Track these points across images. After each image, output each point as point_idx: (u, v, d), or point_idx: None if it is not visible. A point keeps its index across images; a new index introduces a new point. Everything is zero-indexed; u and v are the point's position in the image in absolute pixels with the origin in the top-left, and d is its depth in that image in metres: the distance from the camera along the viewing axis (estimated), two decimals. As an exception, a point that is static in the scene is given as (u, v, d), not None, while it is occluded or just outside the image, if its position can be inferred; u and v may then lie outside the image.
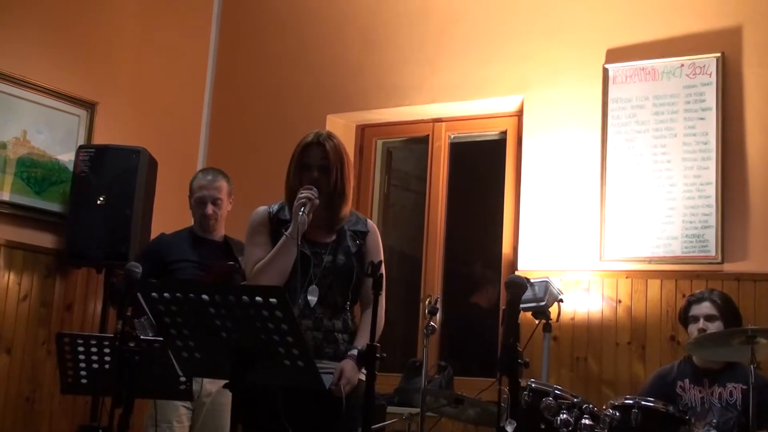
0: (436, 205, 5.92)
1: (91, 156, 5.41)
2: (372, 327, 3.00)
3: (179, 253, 4.53)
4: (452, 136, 6.05)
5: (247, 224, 3.51)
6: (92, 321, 5.64)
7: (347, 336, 3.40)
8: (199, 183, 4.65)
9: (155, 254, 4.59)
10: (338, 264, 3.40)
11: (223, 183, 4.66)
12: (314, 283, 3.36)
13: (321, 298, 3.35)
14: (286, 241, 3.29)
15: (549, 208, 5.36)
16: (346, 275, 3.41)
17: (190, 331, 2.81)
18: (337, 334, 3.37)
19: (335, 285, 3.38)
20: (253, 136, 6.39)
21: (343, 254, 3.42)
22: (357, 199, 6.09)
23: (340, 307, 3.40)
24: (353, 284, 3.43)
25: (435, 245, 5.87)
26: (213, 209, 4.58)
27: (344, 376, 3.26)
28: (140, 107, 6.13)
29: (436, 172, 5.98)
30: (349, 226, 3.49)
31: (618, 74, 5.27)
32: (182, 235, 4.68)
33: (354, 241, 3.46)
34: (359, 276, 3.43)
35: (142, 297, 2.80)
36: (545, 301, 4.62)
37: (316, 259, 3.39)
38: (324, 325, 3.34)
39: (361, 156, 6.25)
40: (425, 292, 5.73)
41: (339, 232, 3.47)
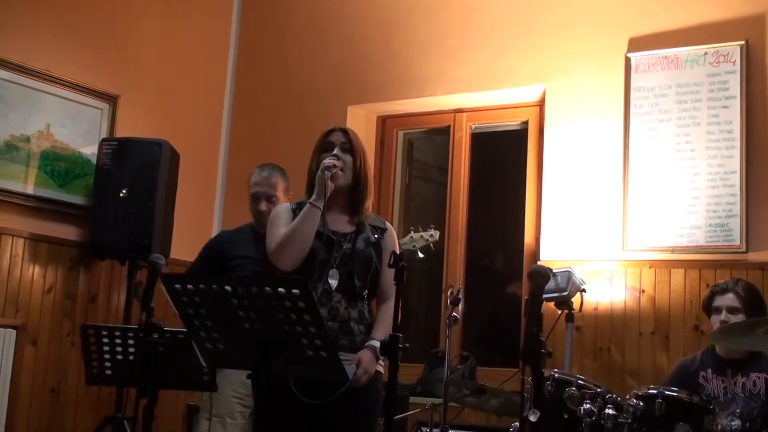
0: (457, 196, 5.91)
1: (113, 149, 5.44)
2: (394, 318, 3.00)
3: (239, 249, 4.49)
4: (473, 127, 6.04)
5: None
6: (116, 312, 5.68)
7: (363, 327, 3.40)
8: (255, 179, 4.60)
9: (216, 252, 4.56)
10: (358, 249, 3.41)
11: (279, 179, 4.60)
12: (334, 268, 3.37)
13: (339, 285, 3.36)
14: (309, 208, 3.32)
15: (571, 198, 5.34)
16: (365, 261, 3.42)
17: (213, 323, 2.83)
18: (353, 324, 3.37)
19: (354, 271, 3.39)
20: (274, 128, 6.40)
21: (362, 242, 3.44)
22: (378, 191, 6.10)
23: (358, 295, 3.40)
24: (371, 273, 3.43)
25: (457, 236, 5.86)
26: (267, 206, 4.50)
27: (362, 366, 3.27)
28: (162, 100, 6.15)
29: (457, 162, 5.97)
30: (369, 221, 3.52)
31: (640, 63, 5.24)
32: (243, 231, 4.65)
33: (373, 233, 3.49)
34: (377, 266, 3.43)
35: (165, 289, 2.82)
36: (568, 291, 4.61)
37: (337, 245, 3.41)
38: (340, 314, 3.35)
39: (382, 147, 6.25)
40: (447, 283, 5.73)
41: (359, 225, 3.49)
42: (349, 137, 3.47)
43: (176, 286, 2.78)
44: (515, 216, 5.74)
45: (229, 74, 6.69)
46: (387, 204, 6.11)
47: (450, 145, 6.02)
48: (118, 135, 5.71)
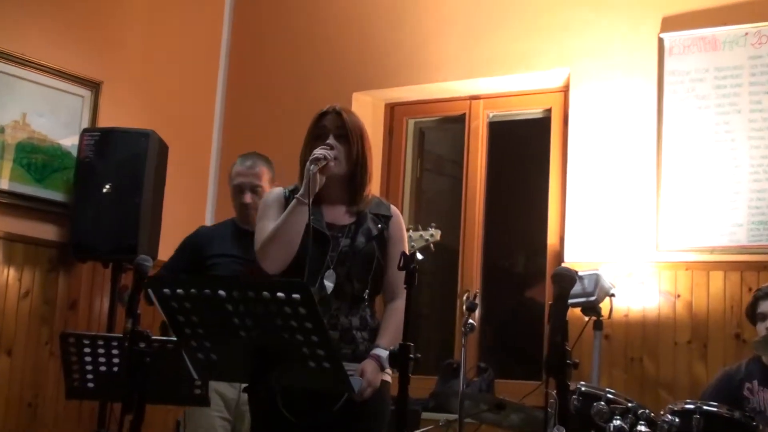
0: (473, 191, 5.91)
1: (96, 140, 5.44)
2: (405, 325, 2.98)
3: (219, 247, 4.50)
4: (491, 115, 6.03)
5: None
6: (99, 319, 5.68)
7: (367, 334, 3.36)
8: (237, 169, 4.61)
9: (193, 248, 4.57)
10: (357, 247, 3.36)
11: (264, 169, 4.61)
12: (331, 269, 3.34)
13: (337, 288, 3.32)
14: (296, 204, 3.26)
15: (599, 193, 5.33)
16: (366, 260, 3.37)
17: (205, 331, 2.82)
18: (356, 332, 3.34)
19: (353, 272, 3.34)
20: (272, 117, 6.39)
21: (363, 236, 3.39)
22: (386, 185, 6.10)
23: (358, 298, 3.37)
24: (373, 271, 3.40)
25: (473, 235, 5.86)
26: (252, 198, 4.52)
27: (365, 377, 3.25)
28: (149, 87, 6.15)
29: (473, 154, 5.96)
30: (371, 209, 3.48)
31: (675, 44, 5.22)
32: (223, 227, 4.66)
33: (375, 224, 3.44)
34: (380, 262, 3.41)
35: (153, 293, 2.81)
36: (596, 295, 4.60)
37: (333, 242, 3.36)
38: (340, 322, 3.32)
39: (391, 137, 6.25)
40: (463, 287, 5.72)
41: (359, 214, 3.46)
42: (343, 120, 3.41)
43: (165, 291, 2.77)
44: (537, 213, 5.73)
45: (222, 59, 6.69)
46: (396, 200, 6.09)
47: (465, 135, 6.01)
48: (101, 125, 5.72)
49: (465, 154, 5.99)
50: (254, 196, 4.53)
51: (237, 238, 4.53)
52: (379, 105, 6.28)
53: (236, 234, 4.55)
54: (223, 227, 4.67)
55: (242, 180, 4.57)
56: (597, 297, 4.61)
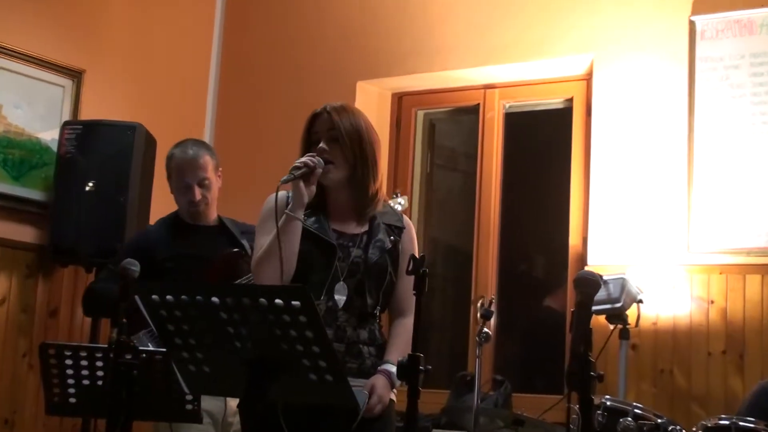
0: (488, 189, 5.90)
1: (77, 134, 5.45)
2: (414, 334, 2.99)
3: (168, 248, 4.46)
4: (507, 106, 6.03)
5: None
6: (81, 329, 5.69)
7: (374, 349, 3.38)
8: (178, 163, 4.52)
9: (144, 253, 4.49)
10: (370, 260, 3.38)
11: (208, 158, 4.54)
12: (341, 281, 3.36)
13: (346, 302, 3.34)
14: (286, 220, 3.27)
15: (625, 190, 5.33)
16: (379, 274, 3.39)
17: (197, 341, 2.82)
18: (363, 346, 3.36)
19: (365, 285, 3.38)
20: (269, 109, 6.40)
21: (377, 249, 3.41)
22: (394, 181, 6.10)
23: (368, 313, 3.39)
24: (385, 286, 3.42)
25: (488, 236, 5.85)
26: (201, 193, 4.49)
27: (375, 393, 3.26)
28: (135, 76, 6.16)
29: (488, 148, 5.96)
30: (384, 219, 3.49)
31: (707, 28, 5.22)
32: (167, 225, 4.61)
33: (389, 236, 3.46)
34: (392, 277, 3.42)
35: (141, 301, 2.81)
36: (622, 301, 4.61)
37: (342, 252, 3.37)
38: (347, 335, 3.34)
39: (398, 130, 6.25)
40: (477, 293, 5.72)
41: (372, 222, 3.47)
42: (333, 121, 3.39)
43: (153, 298, 2.78)
44: (558, 212, 5.73)
45: (214, 46, 6.69)
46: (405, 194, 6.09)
47: (479, 128, 6.01)
48: (83, 117, 5.72)
49: (479, 148, 5.99)
50: (202, 191, 4.49)
51: (184, 235, 4.52)
52: (386, 95, 6.28)
53: (182, 230, 4.54)
54: (166, 225, 4.61)
55: (188, 176, 4.49)
56: (623, 303, 4.61)
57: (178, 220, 4.60)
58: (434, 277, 6.28)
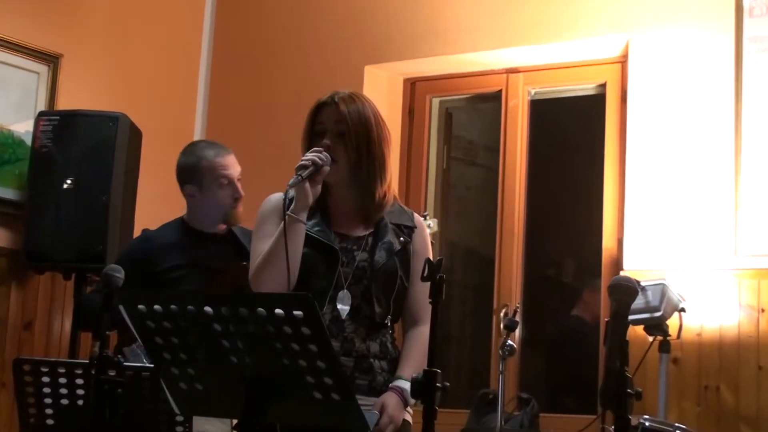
0: (512, 185, 5.90)
1: (54, 125, 5.45)
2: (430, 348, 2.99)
3: (174, 256, 4.50)
4: (533, 92, 6.02)
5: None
6: (59, 342, 5.70)
7: (386, 364, 3.39)
8: (217, 161, 4.60)
9: (142, 261, 4.54)
10: (377, 263, 3.39)
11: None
12: (345, 288, 3.37)
13: (353, 310, 3.35)
14: (288, 222, 3.28)
15: (665, 185, 5.32)
16: (388, 279, 3.40)
17: (189, 356, 2.83)
18: (373, 360, 3.37)
19: (372, 292, 3.38)
20: (267, 97, 6.40)
21: (384, 251, 3.42)
22: (406, 178, 6.10)
23: (378, 323, 3.40)
24: (395, 292, 3.42)
25: (512, 238, 5.85)
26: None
27: (386, 412, 3.27)
28: (118, 60, 6.17)
29: (511, 140, 5.96)
30: (392, 218, 3.49)
31: (756, 4, 5.21)
32: (173, 230, 4.66)
33: (397, 237, 3.46)
34: (403, 282, 3.43)
35: (125, 311, 2.82)
36: (662, 310, 4.60)
37: (346, 256, 3.38)
38: (356, 348, 3.34)
39: (411, 120, 6.25)
40: (500, 301, 5.73)
41: (378, 223, 3.47)
42: (341, 114, 3.39)
43: (140, 308, 2.79)
44: (590, 211, 5.73)
45: (207, 26, 6.70)
46: (418, 195, 6.10)
47: (502, 117, 6.01)
48: (61, 107, 5.73)
49: (501, 140, 5.99)
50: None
51: (192, 243, 4.57)
52: (397, 81, 6.28)
53: (191, 237, 4.59)
54: (172, 231, 4.65)
55: (230, 171, 4.60)
56: (663, 312, 4.61)
57: (186, 226, 4.64)
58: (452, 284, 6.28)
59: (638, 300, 3.85)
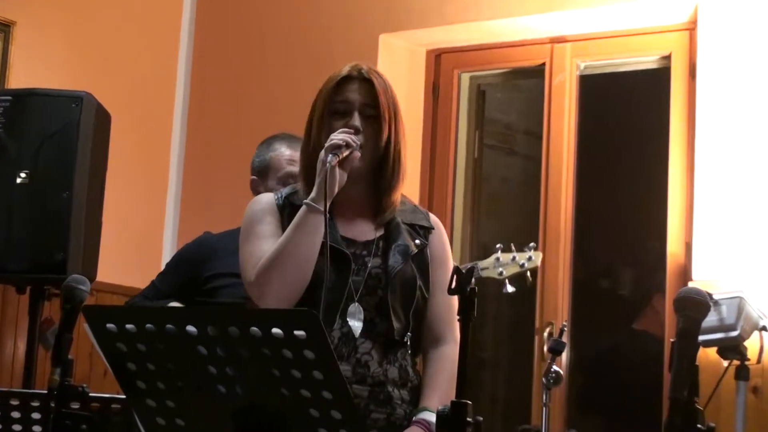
0: (557, 178, 5.90)
1: (5, 107, 5.46)
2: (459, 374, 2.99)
3: (222, 263, 4.53)
4: (583, 66, 6.03)
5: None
6: (12, 367, 5.71)
7: (407, 392, 3.40)
8: (291, 154, 4.60)
9: (191, 264, 4.62)
10: (392, 268, 3.39)
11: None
12: (356, 300, 3.38)
13: (366, 327, 3.36)
14: (306, 214, 3.30)
15: (743, 179, 5.32)
16: (406, 287, 3.40)
17: (168, 385, 2.83)
18: (392, 388, 3.37)
19: (390, 304, 3.38)
20: (264, 71, 6.41)
21: (398, 254, 3.42)
22: (430, 170, 6.10)
23: (396, 342, 3.40)
24: (415, 304, 3.42)
25: (558, 242, 5.85)
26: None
27: (413, 454, 3.29)
28: (82, 29, 6.18)
29: (557, 123, 5.96)
30: (403, 217, 3.51)
31: None
32: (234, 235, 4.64)
33: (413, 239, 3.47)
34: (423, 291, 3.43)
35: (91, 331, 2.83)
36: (738, 329, 4.60)
37: (356, 263, 3.40)
38: (371, 373, 3.35)
39: (436, 99, 6.25)
40: (543, 319, 5.73)
41: (389, 223, 3.48)
42: (375, 91, 3.41)
43: (108, 326, 2.80)
44: (653, 209, 5.73)
45: (189, -13, 6.74)
46: (444, 190, 6.11)
47: (545, 96, 6.02)
48: (13, 85, 5.76)
49: (545, 124, 5.99)
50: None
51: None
52: (419, 53, 6.29)
53: None
54: (234, 235, 4.66)
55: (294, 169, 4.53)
56: (740, 331, 4.61)
57: None
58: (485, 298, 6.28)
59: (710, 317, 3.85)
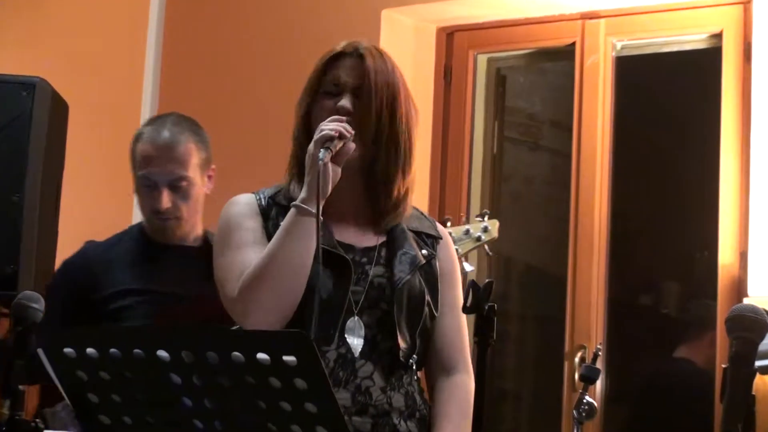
0: (590, 177, 5.89)
1: (-55, 96, 5.49)
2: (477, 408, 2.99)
3: (122, 277, 4.52)
4: (620, 45, 6.02)
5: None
6: (-46, 401, 5.72)
7: (414, 425, 3.40)
8: (145, 149, 4.58)
9: (80, 282, 4.59)
10: (398, 279, 3.39)
11: (191, 146, 4.58)
12: (355, 315, 3.37)
13: (367, 346, 3.36)
14: (295, 217, 3.28)
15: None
16: (414, 302, 3.40)
17: (136, 419, 2.83)
18: (398, 420, 3.37)
19: (396, 320, 3.38)
20: (247, 54, 6.42)
21: (405, 264, 3.42)
22: (441, 166, 6.10)
23: (402, 365, 3.39)
24: (422, 321, 3.42)
25: (590, 251, 5.84)
26: (172, 198, 4.52)
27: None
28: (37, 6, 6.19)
29: (589, 113, 5.95)
30: (409, 223, 3.52)
31: None
32: (126, 242, 4.69)
33: (418, 245, 3.47)
34: (431, 308, 3.43)
35: (47, 357, 2.82)
36: (803, 354, 4.60)
37: (356, 271, 3.39)
38: (373, 402, 3.34)
39: (448, 85, 6.25)
40: (574, 341, 5.73)
41: (393, 229, 3.49)
42: (366, 69, 3.41)
43: (66, 352, 2.79)
44: (701, 214, 5.74)
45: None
46: (457, 190, 6.11)
47: (576, 81, 6.01)
48: (-45, 69, 5.77)
49: (575, 114, 5.98)
50: (176, 196, 4.53)
51: (150, 259, 4.59)
52: (427, 30, 6.29)
53: (149, 252, 4.61)
54: (125, 243, 4.68)
55: (152, 170, 4.53)
56: (805, 357, 4.61)
57: (144, 236, 4.67)
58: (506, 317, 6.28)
59: (769, 339, 3.84)
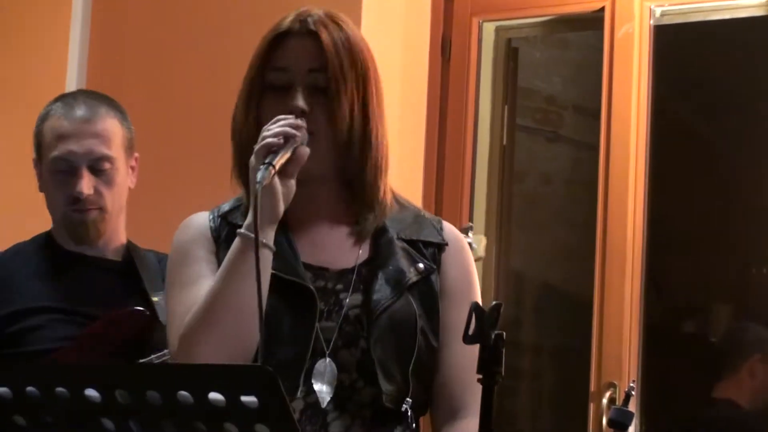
0: (623, 175, 5.89)
1: None
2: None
3: (25, 294, 4.53)
4: (659, 12, 6.02)
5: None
6: None
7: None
8: (58, 125, 4.54)
9: None
10: (377, 305, 3.37)
11: (113, 121, 4.58)
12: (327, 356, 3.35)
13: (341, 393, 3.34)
14: (242, 247, 3.27)
15: None
16: (399, 333, 3.37)
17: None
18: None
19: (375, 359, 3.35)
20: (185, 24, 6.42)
21: (388, 285, 3.39)
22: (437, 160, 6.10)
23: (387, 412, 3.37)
24: (416, 357, 3.39)
25: (623, 267, 5.84)
26: (94, 183, 4.51)
27: None
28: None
29: (622, 94, 5.95)
30: (400, 229, 3.49)
31: None
32: (30, 252, 4.70)
33: (411, 260, 3.45)
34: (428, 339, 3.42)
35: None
36: None
37: (326, 302, 3.37)
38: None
39: (447, 60, 6.25)
40: (603, 377, 5.74)
41: (378, 238, 3.47)
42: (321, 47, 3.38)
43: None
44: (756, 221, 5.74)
45: None
46: (457, 191, 6.12)
47: (605, 56, 6.01)
48: None
49: (604, 96, 5.99)
50: (99, 182, 4.51)
51: (59, 271, 4.59)
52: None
53: (58, 263, 4.62)
54: (29, 253, 4.70)
55: (71, 148, 4.50)
56: None
57: (51, 244, 4.66)
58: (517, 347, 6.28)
59: None
